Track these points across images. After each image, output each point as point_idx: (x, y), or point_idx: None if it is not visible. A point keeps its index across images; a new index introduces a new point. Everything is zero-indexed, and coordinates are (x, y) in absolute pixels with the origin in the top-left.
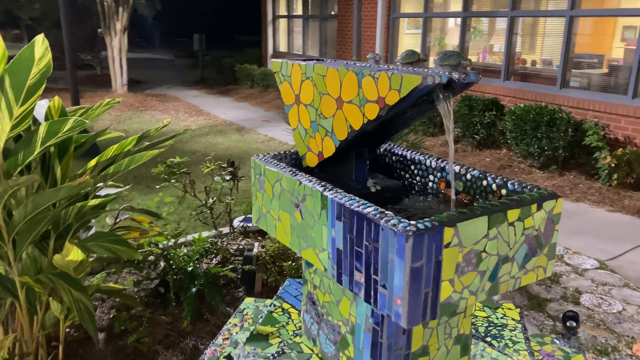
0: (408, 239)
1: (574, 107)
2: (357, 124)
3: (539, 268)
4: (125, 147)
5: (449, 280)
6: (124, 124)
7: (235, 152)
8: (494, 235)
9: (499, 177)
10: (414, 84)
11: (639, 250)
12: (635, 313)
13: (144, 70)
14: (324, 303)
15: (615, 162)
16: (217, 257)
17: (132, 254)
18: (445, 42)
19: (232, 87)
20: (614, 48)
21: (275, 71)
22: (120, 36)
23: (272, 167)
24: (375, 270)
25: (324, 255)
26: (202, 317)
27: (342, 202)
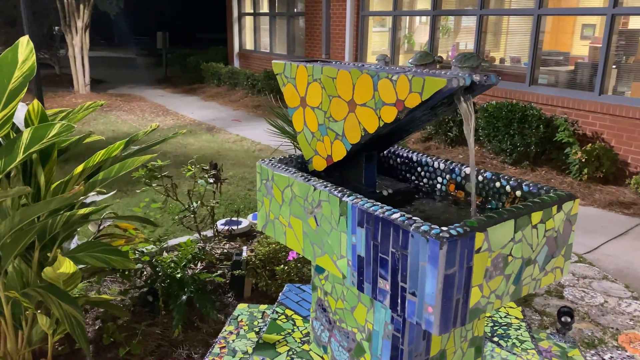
0: (442, 246)
1: (543, 104)
2: (372, 127)
3: (557, 269)
4: (113, 152)
5: (478, 285)
6: (89, 125)
7: (207, 153)
8: (520, 239)
9: (513, 179)
10: (439, 86)
11: (613, 243)
12: (616, 305)
13: (106, 69)
14: (337, 310)
15: (585, 157)
16: (203, 262)
17: (127, 264)
18: (414, 40)
19: (198, 85)
20: (578, 46)
21: (277, 73)
22: (82, 34)
23: (282, 172)
24: (403, 278)
25: (342, 262)
26: (193, 325)
27: (364, 208)
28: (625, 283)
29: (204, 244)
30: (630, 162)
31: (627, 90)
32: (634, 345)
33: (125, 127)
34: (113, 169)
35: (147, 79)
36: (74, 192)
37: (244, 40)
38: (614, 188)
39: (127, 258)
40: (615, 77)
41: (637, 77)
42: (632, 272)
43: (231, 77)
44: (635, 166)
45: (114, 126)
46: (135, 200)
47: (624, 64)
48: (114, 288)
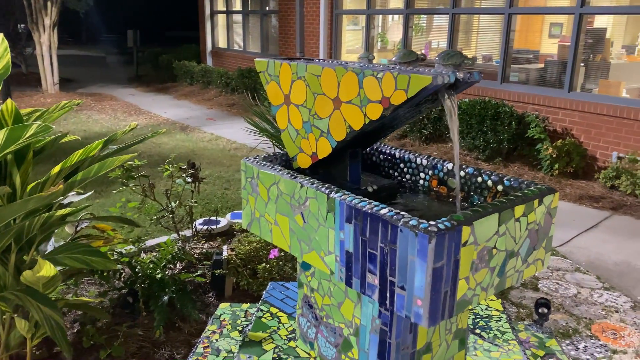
0: (431, 240)
1: (515, 101)
2: (357, 124)
3: (538, 261)
4: (91, 152)
5: (464, 278)
6: (59, 125)
7: (182, 152)
8: (503, 232)
9: (494, 174)
10: (424, 83)
11: (584, 236)
12: (589, 295)
13: (75, 68)
14: (323, 306)
15: (556, 153)
16: (182, 262)
17: (108, 264)
18: (388, 38)
19: (171, 84)
20: (547, 44)
21: (260, 71)
22: (50, 32)
23: (268, 170)
24: (392, 272)
25: (330, 258)
26: (174, 325)
27: (352, 204)
28: (597, 274)
29: (183, 244)
30: (599, 157)
31: (594, 87)
32: (606, 334)
33: (97, 127)
34: (92, 169)
35: (117, 77)
36: (52, 191)
37: (216, 38)
38: (584, 182)
39: (108, 259)
40: (583, 75)
41: (604, 75)
42: (602, 264)
43: (204, 76)
44: (603, 161)
45: (86, 126)
46: (111, 201)
47: (592, 61)
48: (92, 290)
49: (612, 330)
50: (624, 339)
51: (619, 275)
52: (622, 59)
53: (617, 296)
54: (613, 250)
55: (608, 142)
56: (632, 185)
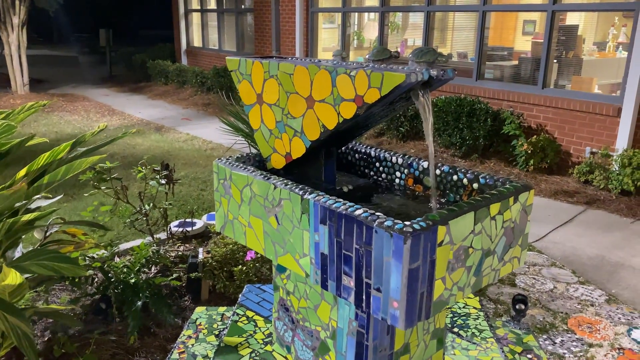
0: (406, 240)
1: (490, 98)
2: (331, 123)
3: (514, 258)
4: (58, 154)
5: (441, 278)
6: (29, 127)
7: (157, 153)
8: (479, 231)
9: (470, 172)
10: (397, 81)
11: (559, 231)
12: (564, 290)
13: (46, 69)
14: (300, 309)
15: (531, 149)
16: (157, 266)
17: (78, 271)
18: (364, 36)
19: (145, 84)
20: (521, 41)
21: (231, 70)
22: (19, 32)
23: (240, 171)
24: (367, 274)
25: (305, 260)
26: (149, 330)
27: (326, 205)
28: (572, 269)
29: (157, 247)
30: (572, 153)
31: (567, 83)
32: (582, 328)
33: (69, 129)
34: (59, 172)
35: (90, 78)
36: (15, 190)
37: (191, 37)
38: (559, 178)
39: (77, 265)
40: (556, 71)
41: (576, 71)
42: (577, 259)
43: (179, 75)
44: (577, 156)
45: (57, 127)
46: (83, 204)
47: (564, 58)
48: (63, 297)
49: (588, 324)
50: (599, 332)
51: (594, 269)
52: (594, 56)
53: (592, 290)
54: (587, 244)
55: (581, 137)
56: (605, 179)
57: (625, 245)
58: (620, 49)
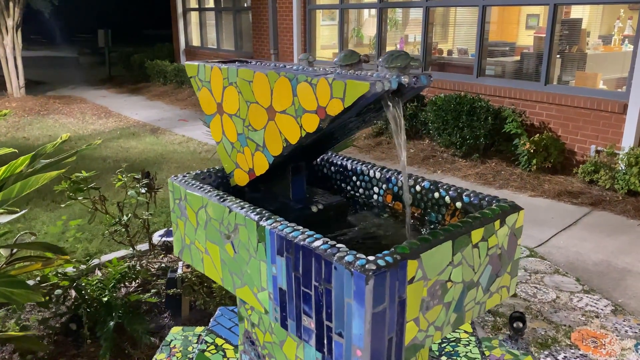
0: (368, 281)
1: (491, 95)
2: (293, 137)
3: (503, 288)
4: (17, 168)
5: (413, 319)
6: (23, 130)
7: (150, 156)
8: (459, 261)
9: (453, 189)
10: (361, 91)
11: (563, 234)
12: (568, 300)
13: (45, 70)
14: (265, 343)
15: (533, 148)
16: (137, 280)
17: (31, 297)
18: (363, 33)
19: (143, 85)
20: (524, 36)
21: (191, 76)
22: (13, 34)
23: (195, 191)
24: (328, 316)
25: (263, 295)
26: (123, 352)
27: (283, 234)
28: (576, 276)
29: (138, 259)
30: (577, 151)
31: (571, 79)
32: (587, 342)
33: (63, 132)
34: (14, 189)
35: (89, 79)
36: None
37: (190, 36)
38: (562, 178)
39: (31, 291)
40: (559, 67)
41: (580, 66)
42: (581, 264)
43: (177, 75)
44: (581, 155)
45: (51, 131)
46: (58, 215)
47: (568, 53)
48: (34, 316)
49: (593, 337)
50: (604, 347)
51: (599, 276)
52: (599, 50)
53: (598, 299)
54: (592, 249)
55: (586, 135)
56: (611, 179)
57: (632, 250)
58: (626, 42)
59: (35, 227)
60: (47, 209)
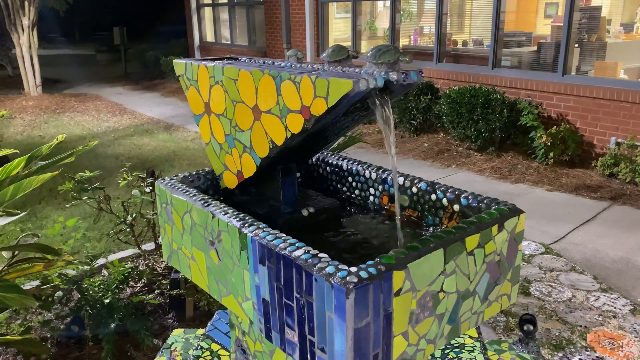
0: (349, 294)
1: (507, 87)
2: (279, 139)
3: (503, 296)
4: (12, 170)
5: (402, 333)
6: (39, 129)
7: (162, 154)
8: (452, 270)
9: (450, 191)
10: (344, 90)
11: (580, 230)
12: (584, 299)
13: (62, 68)
14: (256, 352)
15: (550, 141)
16: (141, 280)
17: (25, 302)
18: (376, 25)
19: (159, 81)
20: (542, 25)
21: (179, 74)
22: (29, 33)
23: (180, 195)
24: (310, 330)
25: (248, 305)
26: (126, 354)
27: (264, 242)
28: (593, 274)
29: (144, 259)
30: (596, 144)
31: (590, 69)
32: (603, 344)
33: (78, 130)
34: (8, 191)
35: (105, 76)
36: None
37: (204, 32)
38: (581, 171)
39: (25, 296)
40: (578, 57)
41: (600, 55)
42: (599, 262)
43: None
44: (601, 147)
45: (66, 129)
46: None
47: (587, 42)
48: (37, 318)
49: (610, 339)
50: (622, 349)
51: (618, 274)
52: (620, 38)
53: (616, 299)
54: (611, 245)
55: (605, 127)
56: (632, 172)
57: None
58: None
59: (47, 225)
60: (59, 208)
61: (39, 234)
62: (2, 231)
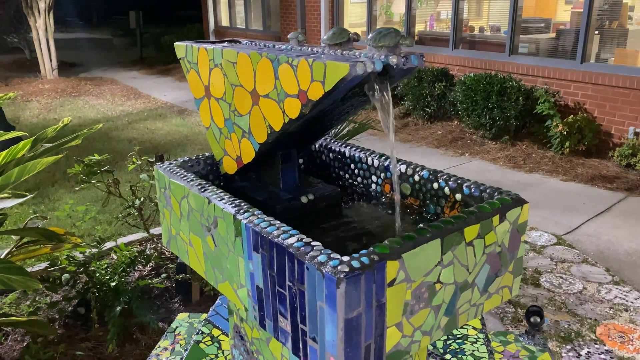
0: (339, 284)
1: (523, 74)
2: (277, 124)
3: (504, 288)
4: (18, 153)
5: (395, 325)
6: (54, 112)
7: (175, 138)
8: (449, 261)
9: (453, 179)
10: (340, 74)
11: (594, 222)
12: (595, 291)
13: (79, 52)
14: (253, 339)
15: (567, 130)
16: (150, 263)
17: (29, 284)
18: (392, 10)
19: (173, 66)
20: (560, 11)
21: (180, 57)
22: (45, 16)
23: (178, 180)
24: (302, 319)
25: (243, 292)
26: (132, 337)
27: (258, 229)
28: (606, 266)
29: (152, 243)
30: (614, 133)
31: (610, 57)
32: (613, 337)
33: (92, 113)
34: (12, 174)
35: (121, 60)
36: None
37: (219, 16)
38: (597, 161)
39: (29, 278)
40: (597, 44)
41: (620, 43)
42: (612, 254)
43: None
44: (618, 137)
45: (81, 112)
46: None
47: (607, 29)
48: (45, 300)
49: (620, 332)
50: (632, 342)
51: (631, 267)
52: None
53: (628, 292)
54: (626, 237)
55: (624, 116)
56: None
57: None
58: None
59: (59, 207)
60: (72, 191)
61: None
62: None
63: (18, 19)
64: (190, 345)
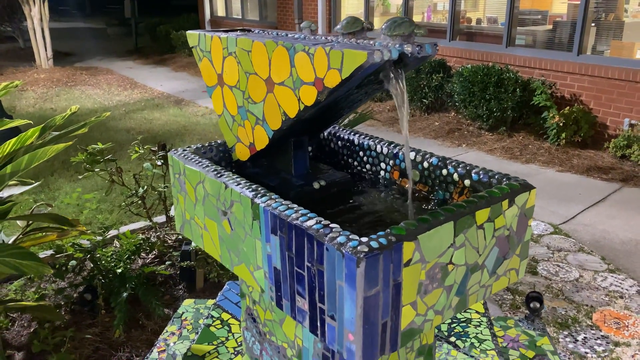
0: (359, 263)
1: (520, 66)
2: (292, 111)
3: (512, 271)
4: (27, 140)
5: (410, 303)
6: (50, 102)
7: (173, 128)
8: (461, 243)
9: (461, 165)
10: (358, 62)
11: (590, 211)
12: (591, 279)
13: (73, 41)
14: (266, 321)
15: (563, 121)
16: (152, 252)
17: (40, 269)
18: (389, 1)
19: (169, 56)
20: (557, 3)
21: (192, 46)
22: (40, 5)
23: (193, 166)
24: (320, 298)
25: (259, 274)
26: (138, 322)
27: (277, 212)
28: (602, 255)
29: (155, 231)
30: (609, 125)
31: (606, 49)
32: (609, 323)
33: (89, 103)
34: (22, 161)
35: (116, 50)
36: None
37: (215, 6)
38: (592, 152)
39: (41, 263)
40: (594, 36)
41: (616, 35)
42: (608, 243)
43: None
44: (614, 129)
45: (78, 102)
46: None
47: (603, 21)
48: (52, 286)
49: (615, 318)
50: (627, 328)
51: (626, 255)
52: (638, 18)
53: (623, 279)
54: (621, 226)
55: (620, 108)
56: None
57: None
58: None
59: (59, 196)
60: (71, 180)
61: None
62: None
63: (11, 8)
64: (200, 329)
